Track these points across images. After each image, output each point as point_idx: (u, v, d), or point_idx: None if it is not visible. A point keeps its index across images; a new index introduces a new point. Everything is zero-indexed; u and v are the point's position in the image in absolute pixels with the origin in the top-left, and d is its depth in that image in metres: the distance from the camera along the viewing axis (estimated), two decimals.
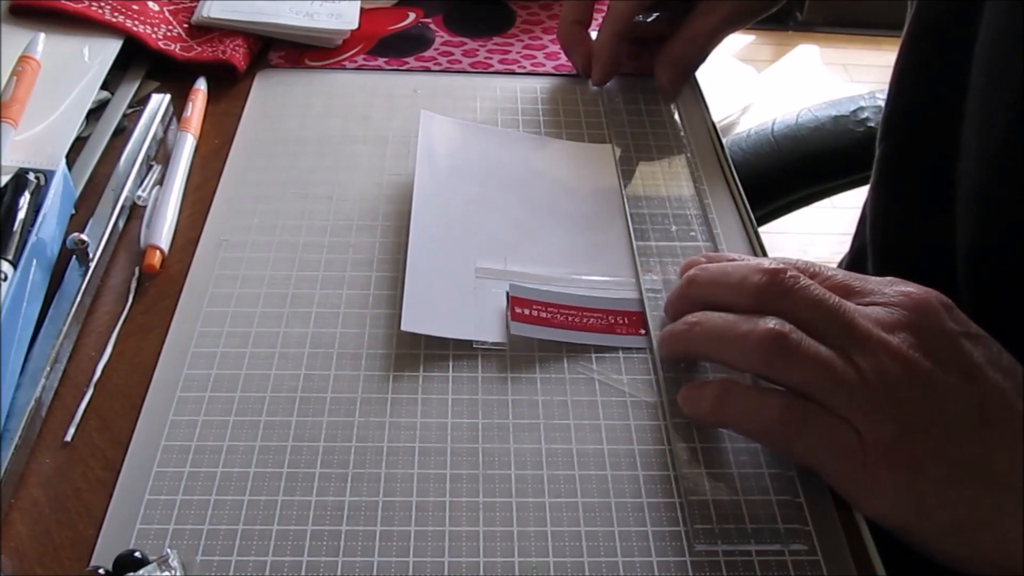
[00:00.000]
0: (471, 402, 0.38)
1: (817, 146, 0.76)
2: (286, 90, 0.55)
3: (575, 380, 0.39)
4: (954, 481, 0.32)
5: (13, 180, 0.42)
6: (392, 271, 0.44)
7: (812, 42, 2.21)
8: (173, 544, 0.33)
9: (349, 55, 0.58)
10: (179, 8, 0.58)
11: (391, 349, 0.40)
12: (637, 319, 0.42)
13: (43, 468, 0.35)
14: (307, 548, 0.33)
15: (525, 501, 0.35)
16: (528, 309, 0.41)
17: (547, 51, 0.59)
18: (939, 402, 0.32)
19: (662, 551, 0.34)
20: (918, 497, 0.32)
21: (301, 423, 0.37)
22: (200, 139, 0.51)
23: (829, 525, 0.35)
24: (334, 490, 0.35)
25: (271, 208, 0.47)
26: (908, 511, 0.32)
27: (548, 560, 0.33)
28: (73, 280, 0.41)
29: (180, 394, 0.38)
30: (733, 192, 0.50)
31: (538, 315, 0.41)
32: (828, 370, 0.33)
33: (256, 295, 0.42)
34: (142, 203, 0.46)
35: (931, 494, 0.32)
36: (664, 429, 0.38)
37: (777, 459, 0.36)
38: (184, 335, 0.40)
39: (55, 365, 0.38)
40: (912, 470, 0.32)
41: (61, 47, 0.53)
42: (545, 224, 0.46)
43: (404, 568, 0.33)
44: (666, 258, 0.44)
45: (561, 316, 0.41)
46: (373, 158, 0.50)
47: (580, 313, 0.41)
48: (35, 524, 0.34)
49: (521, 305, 0.41)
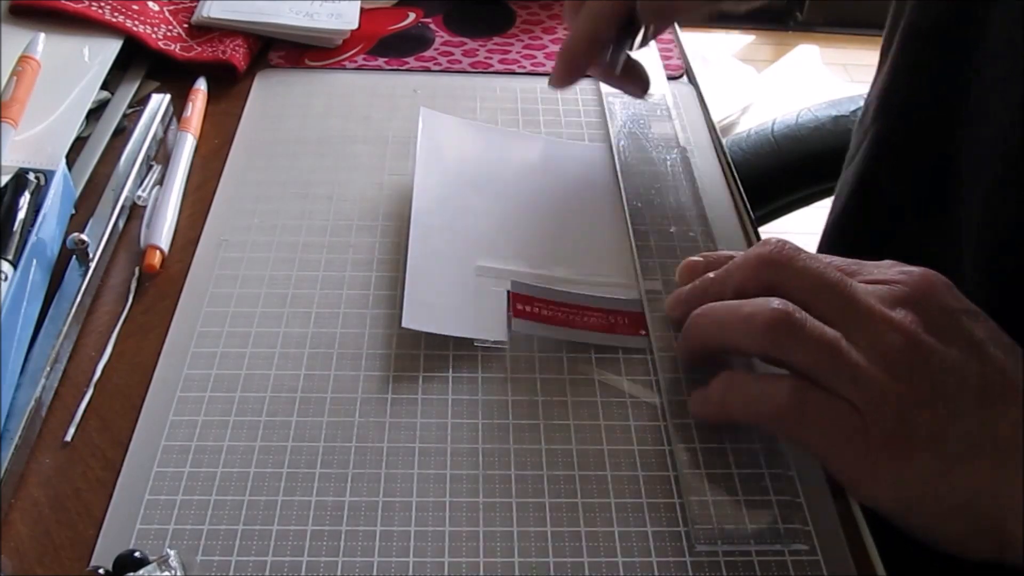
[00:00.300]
0: (471, 402, 0.38)
1: (817, 146, 0.76)
2: (286, 90, 0.55)
3: (575, 381, 0.39)
4: (957, 457, 0.31)
5: (13, 180, 0.42)
6: (392, 271, 0.44)
7: (812, 42, 2.21)
8: (173, 544, 0.33)
9: (349, 55, 0.58)
10: (179, 8, 0.58)
11: (391, 349, 0.40)
12: (637, 319, 0.42)
13: (43, 468, 0.35)
14: (307, 548, 0.33)
15: (525, 501, 0.35)
16: (530, 306, 0.41)
17: (547, 51, 0.59)
18: (942, 375, 0.32)
19: (662, 551, 0.34)
20: (921, 475, 0.32)
21: (301, 423, 0.37)
22: (200, 139, 0.51)
23: (829, 525, 0.35)
24: (334, 490, 0.35)
25: (271, 208, 0.47)
26: (910, 492, 0.32)
27: (548, 560, 0.33)
28: (73, 280, 0.41)
29: (180, 394, 0.38)
30: (733, 192, 0.50)
31: (539, 312, 0.41)
32: (833, 351, 0.33)
33: (256, 295, 0.42)
34: (142, 203, 0.46)
35: (934, 471, 0.31)
36: (664, 430, 0.38)
37: (777, 459, 0.36)
38: (184, 335, 0.40)
39: (55, 365, 0.38)
40: (915, 447, 0.32)
41: (61, 47, 0.53)
42: (545, 223, 0.46)
43: (404, 568, 0.33)
44: (665, 258, 0.44)
45: (562, 314, 0.41)
46: (373, 158, 0.50)
47: (581, 311, 0.41)
48: (35, 524, 0.34)
49: (523, 302, 0.41)
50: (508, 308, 0.41)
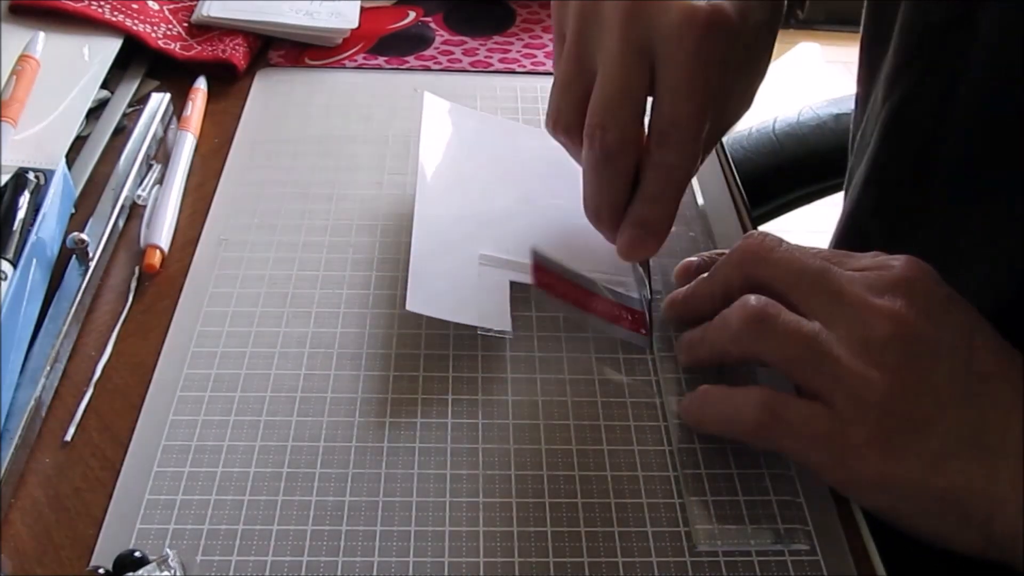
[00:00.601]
0: (471, 402, 0.38)
1: (819, 144, 0.76)
2: (286, 89, 0.55)
3: (575, 380, 0.39)
4: (945, 452, 0.31)
5: (13, 179, 0.42)
6: (392, 270, 0.44)
7: (813, 40, 2.21)
8: (173, 544, 0.33)
9: (349, 54, 0.58)
10: (179, 7, 0.58)
11: (391, 349, 0.40)
12: (640, 317, 0.42)
13: (43, 468, 0.35)
14: (307, 548, 0.33)
15: (525, 501, 0.35)
16: (549, 278, 0.40)
17: (547, 50, 0.59)
18: (932, 362, 0.32)
19: (662, 551, 0.33)
20: (907, 473, 0.31)
21: (301, 423, 0.37)
22: (200, 138, 0.51)
23: (829, 525, 0.35)
24: (334, 490, 0.35)
25: (271, 208, 0.47)
26: (895, 490, 0.31)
27: (548, 560, 0.33)
28: (73, 280, 0.41)
29: (180, 394, 0.38)
30: (733, 191, 0.49)
31: (556, 286, 0.40)
32: (810, 344, 0.32)
33: (256, 295, 0.42)
34: (142, 202, 0.46)
35: (922, 467, 0.31)
36: (664, 430, 0.37)
37: (777, 459, 0.36)
38: (184, 335, 0.40)
39: (55, 365, 0.38)
40: (902, 444, 0.31)
41: (61, 46, 0.53)
42: (548, 216, 0.46)
43: (404, 568, 0.33)
44: (665, 258, 0.44)
45: (575, 293, 0.41)
46: (373, 158, 0.50)
47: (591, 297, 0.41)
48: (35, 524, 0.34)
49: (542, 273, 0.40)
50: (531, 273, 0.40)
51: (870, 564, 0.34)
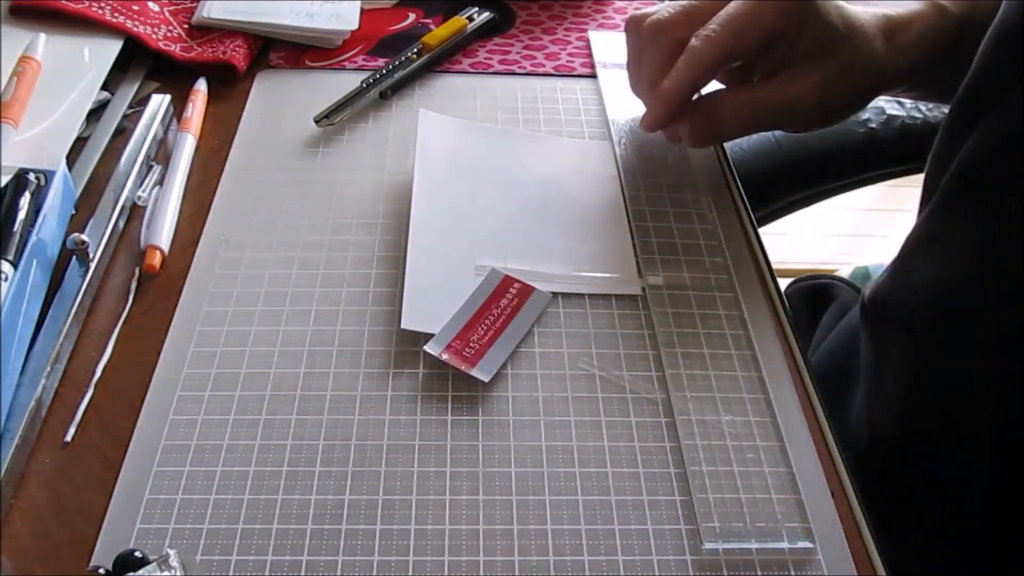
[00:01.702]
0: (471, 399, 0.38)
1: (818, 146, 0.76)
2: (286, 90, 0.55)
3: (575, 376, 0.39)
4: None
5: (13, 180, 0.42)
6: (392, 268, 0.44)
7: None
8: (173, 544, 0.33)
9: (349, 55, 0.58)
10: (179, 8, 0.58)
11: (391, 347, 0.40)
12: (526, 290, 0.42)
13: (43, 468, 0.35)
14: (307, 547, 0.33)
15: (525, 499, 0.35)
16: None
17: (547, 51, 0.59)
18: None
19: (662, 549, 0.33)
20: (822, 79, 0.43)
21: (301, 421, 0.37)
22: (200, 139, 0.51)
23: (830, 524, 0.35)
24: (334, 488, 0.35)
25: (271, 208, 0.47)
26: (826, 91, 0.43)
27: (548, 559, 0.33)
28: (73, 280, 0.41)
29: (180, 393, 0.38)
30: (734, 192, 0.49)
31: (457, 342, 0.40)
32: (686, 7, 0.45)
33: (256, 294, 0.42)
34: (142, 203, 0.46)
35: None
36: (665, 426, 0.37)
37: (778, 458, 0.36)
38: (184, 334, 0.40)
39: (55, 365, 0.38)
40: None
41: (61, 47, 0.53)
42: (545, 222, 0.46)
43: (404, 567, 0.33)
44: (667, 256, 0.44)
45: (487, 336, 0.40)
46: (373, 158, 0.50)
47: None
48: (35, 524, 0.34)
49: None
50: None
51: (870, 564, 0.34)
